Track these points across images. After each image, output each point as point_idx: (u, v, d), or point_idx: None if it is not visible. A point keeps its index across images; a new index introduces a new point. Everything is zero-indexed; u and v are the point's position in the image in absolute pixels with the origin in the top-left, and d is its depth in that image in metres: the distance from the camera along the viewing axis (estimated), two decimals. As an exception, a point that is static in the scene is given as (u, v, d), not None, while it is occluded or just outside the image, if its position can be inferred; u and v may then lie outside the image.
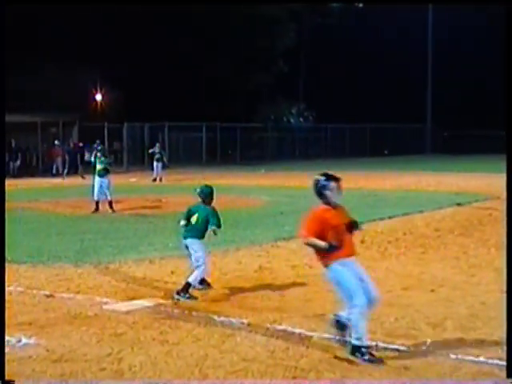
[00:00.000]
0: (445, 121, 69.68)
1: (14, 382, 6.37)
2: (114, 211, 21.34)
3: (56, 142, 44.16)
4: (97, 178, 21.84)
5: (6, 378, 6.44)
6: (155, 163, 36.77)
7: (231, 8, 56.53)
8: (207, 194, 10.66)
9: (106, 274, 12.04)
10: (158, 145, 38.62)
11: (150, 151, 39.08)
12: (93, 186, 22.14)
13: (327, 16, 66.57)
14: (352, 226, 7.61)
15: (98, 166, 22.09)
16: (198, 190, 10.71)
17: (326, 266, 7.46)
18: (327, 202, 7.46)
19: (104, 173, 21.90)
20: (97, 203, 21.61)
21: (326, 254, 7.32)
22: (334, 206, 7.48)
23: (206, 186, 10.90)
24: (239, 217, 19.47)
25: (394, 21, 65.60)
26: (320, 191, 7.49)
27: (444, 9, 65.85)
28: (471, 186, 28.96)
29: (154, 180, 36.02)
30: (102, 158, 22.41)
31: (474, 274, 11.87)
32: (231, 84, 59.09)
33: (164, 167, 37.40)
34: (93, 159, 25.13)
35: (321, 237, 7.29)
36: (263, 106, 62.71)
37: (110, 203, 21.61)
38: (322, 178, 7.57)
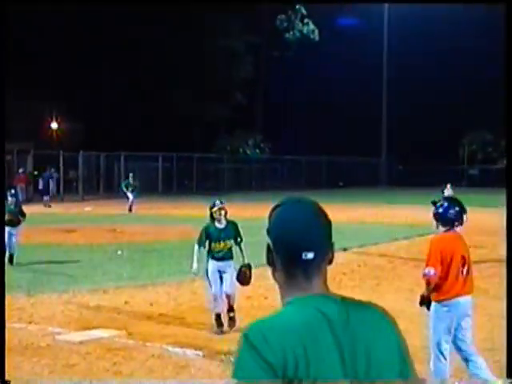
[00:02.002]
0: (399, 155, 70.55)
1: (9, 382, 6.24)
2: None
3: (20, 169, 44.00)
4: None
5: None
6: (130, 194, 35.25)
7: (190, 39, 56.81)
8: None
9: (60, 304, 11.90)
10: (131, 175, 37.51)
11: (124, 183, 37.30)
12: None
13: (284, 49, 67.13)
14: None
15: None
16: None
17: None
18: None
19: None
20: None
21: None
22: None
23: None
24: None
25: (349, 54, 66.45)
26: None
27: (398, 44, 66.94)
28: (425, 219, 29.21)
29: (130, 210, 34.59)
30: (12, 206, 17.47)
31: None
32: (188, 115, 59.17)
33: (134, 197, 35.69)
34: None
35: None
36: (220, 137, 62.82)
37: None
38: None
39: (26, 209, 18.81)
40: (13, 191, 18.51)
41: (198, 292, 12.99)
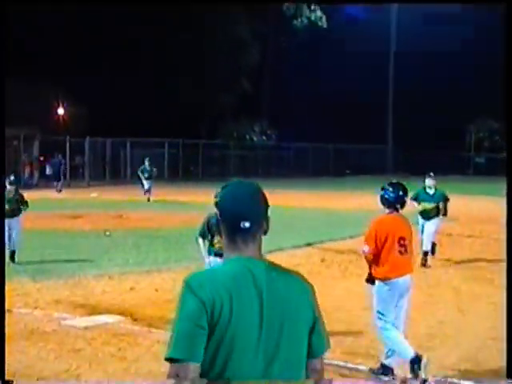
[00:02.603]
0: (406, 141, 70.34)
1: (12, 382, 6.24)
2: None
3: (25, 155, 44.55)
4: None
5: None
6: (145, 181, 33.50)
7: (197, 27, 56.73)
8: None
9: (65, 290, 11.93)
10: (147, 160, 34.80)
11: (140, 168, 34.59)
12: None
13: (291, 36, 66.95)
14: None
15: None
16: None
17: None
18: None
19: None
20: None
21: None
22: None
23: None
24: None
25: (356, 42, 66.21)
26: None
27: (407, 30, 66.72)
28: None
29: (148, 200, 32.50)
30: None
31: (433, 294, 11.97)
32: (194, 102, 59.11)
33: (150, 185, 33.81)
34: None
35: None
36: (226, 124, 62.76)
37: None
38: None
39: (32, 194, 18.78)
40: (12, 177, 15.60)
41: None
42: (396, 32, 71.57)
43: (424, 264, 15.03)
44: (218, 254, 8.91)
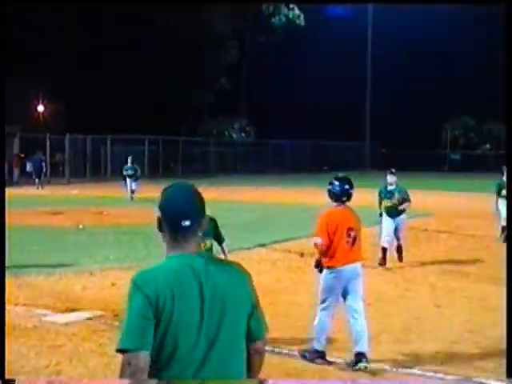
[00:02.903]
0: (383, 139, 70.65)
1: (14, 381, 6.20)
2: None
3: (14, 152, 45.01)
4: None
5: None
6: (128, 180, 32.01)
7: (176, 24, 56.62)
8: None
9: (46, 286, 11.88)
10: (130, 158, 33.12)
11: (125, 168, 32.68)
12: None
13: (269, 34, 66.97)
14: None
15: None
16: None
17: None
18: None
19: None
20: None
21: None
22: None
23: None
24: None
25: (334, 41, 66.40)
26: None
27: (382, 22, 67.06)
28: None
29: (132, 198, 31.30)
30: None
31: (409, 289, 12.03)
32: (174, 99, 59.04)
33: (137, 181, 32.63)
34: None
35: None
36: (205, 121, 62.76)
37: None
38: None
39: (13, 191, 18.65)
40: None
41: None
42: (372, 32, 71.82)
43: (382, 263, 14.60)
44: None
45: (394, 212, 15.00)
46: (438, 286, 12.36)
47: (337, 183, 8.37)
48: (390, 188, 15.25)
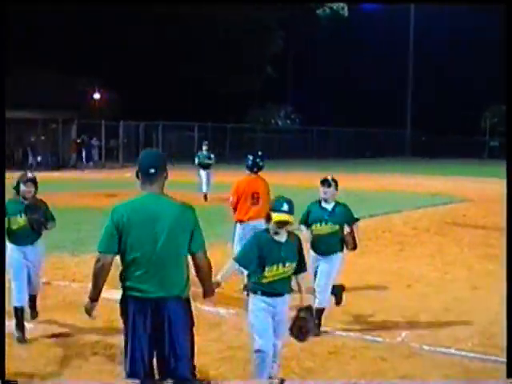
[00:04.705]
0: (423, 126, 69.95)
1: (16, 382, 6.19)
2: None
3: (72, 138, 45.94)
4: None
5: (7, 377, 6.19)
6: (202, 171, 24.49)
7: (227, 16, 56.65)
8: None
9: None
10: (206, 143, 26.23)
11: (200, 155, 25.25)
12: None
13: (314, 24, 66.63)
14: None
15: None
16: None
17: None
18: None
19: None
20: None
21: None
22: None
23: None
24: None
25: (376, 28, 65.85)
26: None
27: (425, 13, 66.15)
28: (447, 189, 29.02)
29: (205, 198, 23.46)
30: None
31: (448, 272, 11.93)
32: (223, 87, 59.16)
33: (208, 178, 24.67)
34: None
35: None
36: (253, 109, 62.78)
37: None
38: None
39: (70, 175, 18.81)
40: (29, 174, 8.03)
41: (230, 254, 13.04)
42: (415, 20, 70.85)
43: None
44: (268, 293, 6.02)
45: (328, 245, 8.36)
46: (475, 268, 12.24)
47: (250, 157, 10.36)
48: (324, 205, 8.71)
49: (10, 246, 7.91)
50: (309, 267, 6.92)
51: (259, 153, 10.54)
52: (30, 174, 8.13)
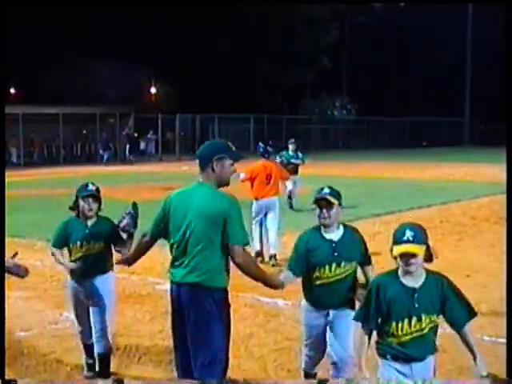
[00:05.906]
0: (481, 114, 68.84)
1: (16, 382, 6.08)
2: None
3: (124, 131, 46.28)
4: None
5: (6, 377, 5.99)
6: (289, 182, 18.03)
7: (282, 8, 56.70)
8: None
9: (159, 256, 12.04)
10: (292, 142, 21.12)
11: (286, 155, 20.15)
12: None
13: (368, 14, 66.07)
14: None
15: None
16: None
17: None
18: None
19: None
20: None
21: None
22: None
23: None
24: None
25: (433, 17, 64.91)
26: None
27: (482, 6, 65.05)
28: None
29: (291, 206, 18.57)
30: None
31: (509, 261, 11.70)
32: (278, 79, 59.15)
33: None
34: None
35: None
36: (308, 100, 62.62)
37: None
38: None
39: (127, 168, 18.96)
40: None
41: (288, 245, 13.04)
42: (473, 9, 69.67)
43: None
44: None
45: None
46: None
47: (261, 145, 12.98)
48: (327, 234, 8.15)
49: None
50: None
51: (270, 142, 14.39)
52: (91, 186, 6.64)
